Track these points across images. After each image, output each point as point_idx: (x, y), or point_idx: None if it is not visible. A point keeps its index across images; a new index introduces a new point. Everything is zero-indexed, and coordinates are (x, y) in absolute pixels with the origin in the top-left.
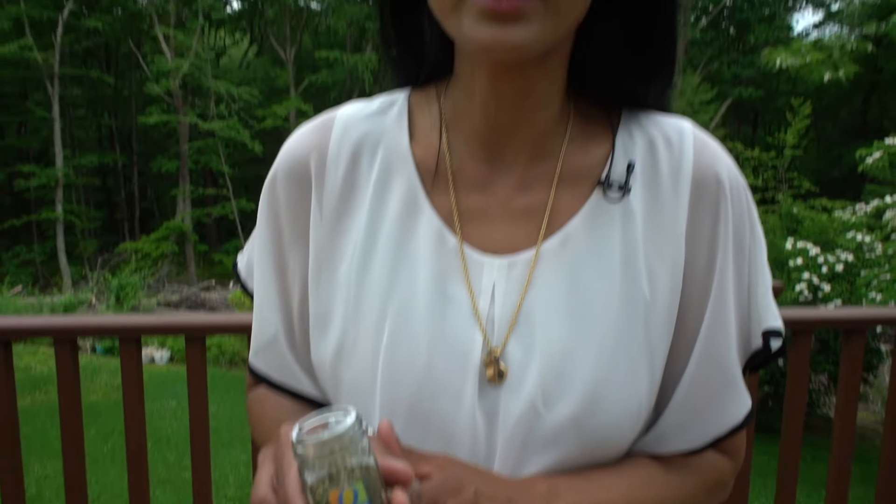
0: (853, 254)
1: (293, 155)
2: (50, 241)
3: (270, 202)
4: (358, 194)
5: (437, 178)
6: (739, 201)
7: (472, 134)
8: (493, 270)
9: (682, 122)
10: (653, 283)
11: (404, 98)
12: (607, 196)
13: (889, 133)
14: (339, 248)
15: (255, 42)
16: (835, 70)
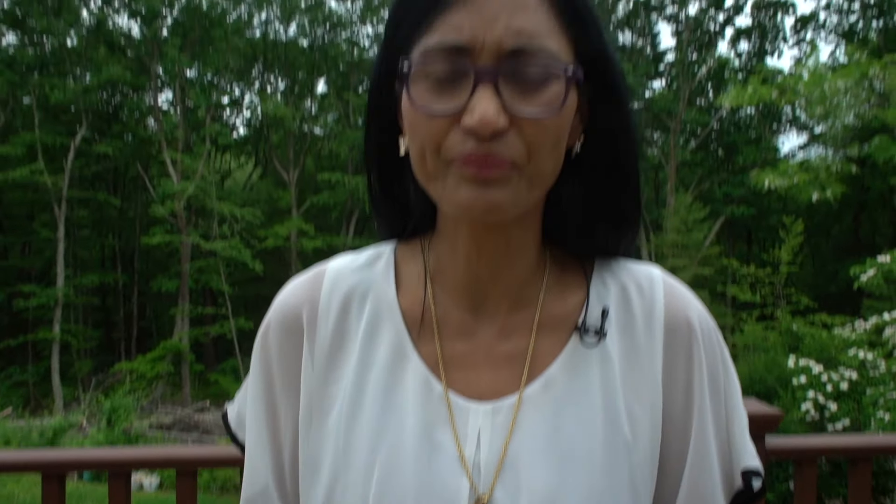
0: (857, 371)
1: (286, 307)
2: (45, 362)
3: (263, 352)
4: (348, 344)
5: (422, 328)
6: (711, 344)
7: (455, 285)
8: (479, 416)
9: (651, 269)
10: (633, 426)
11: (391, 251)
12: (584, 341)
13: (882, 249)
14: (329, 395)
15: (260, 165)
16: (822, 190)
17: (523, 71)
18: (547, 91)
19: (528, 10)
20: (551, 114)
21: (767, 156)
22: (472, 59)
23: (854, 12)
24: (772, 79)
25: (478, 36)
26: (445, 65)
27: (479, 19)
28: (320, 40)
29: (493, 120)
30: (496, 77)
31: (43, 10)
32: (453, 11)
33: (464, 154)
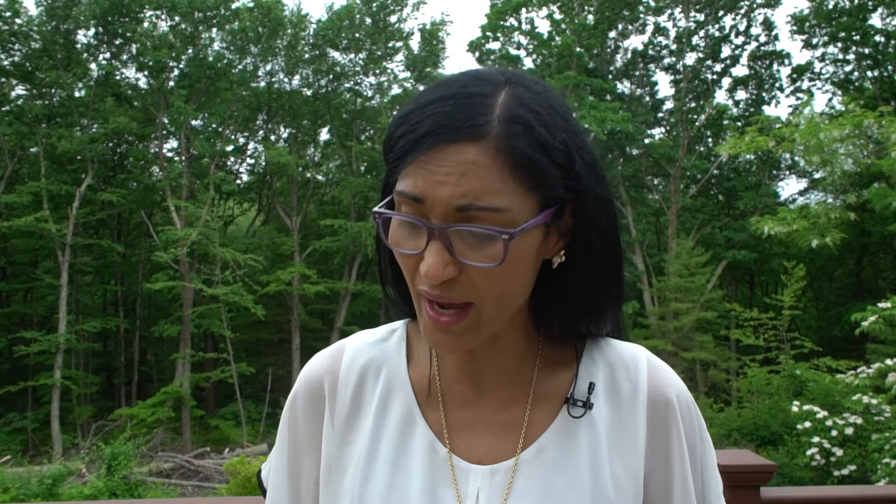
0: (862, 417)
1: (311, 377)
2: (44, 408)
3: (291, 418)
4: (363, 410)
5: (429, 398)
6: (689, 417)
7: (456, 363)
8: (478, 477)
9: (636, 349)
10: (617, 489)
11: (403, 328)
12: (571, 412)
13: (884, 292)
14: (346, 456)
15: (263, 211)
16: (821, 237)
17: (467, 228)
18: (492, 246)
19: (477, 172)
20: (495, 265)
21: (767, 201)
22: (426, 213)
23: (849, 62)
24: (769, 128)
25: (429, 195)
26: (410, 209)
27: (430, 181)
28: (324, 90)
29: (438, 274)
30: (444, 234)
31: (52, 63)
32: (415, 166)
33: (426, 290)
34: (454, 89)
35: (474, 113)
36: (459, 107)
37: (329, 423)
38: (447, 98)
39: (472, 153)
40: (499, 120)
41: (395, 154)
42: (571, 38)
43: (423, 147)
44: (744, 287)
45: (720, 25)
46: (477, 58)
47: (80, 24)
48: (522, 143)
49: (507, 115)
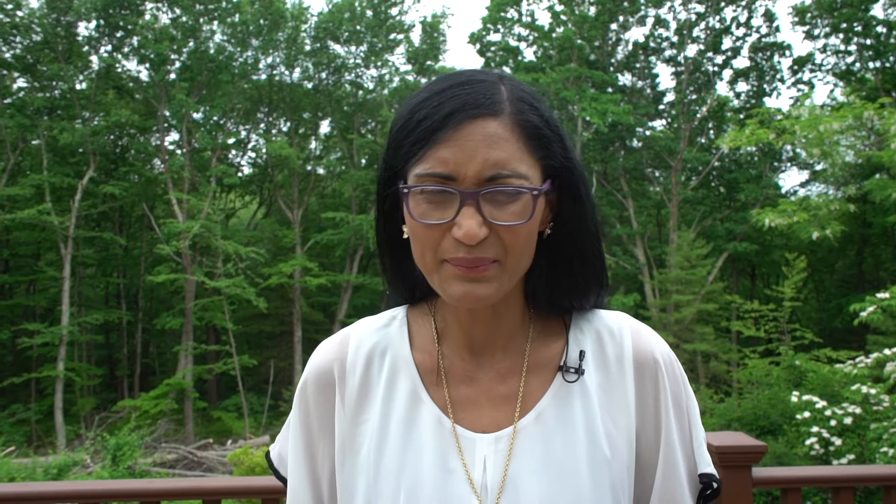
0: (861, 406)
1: (319, 365)
2: (48, 399)
3: (302, 404)
4: (371, 392)
5: (432, 376)
6: (674, 374)
7: (458, 343)
8: (483, 445)
9: (619, 315)
10: (611, 445)
11: (403, 313)
12: (566, 378)
13: (885, 283)
14: (358, 434)
15: (264, 204)
16: (822, 229)
17: (498, 192)
18: (517, 205)
19: (500, 143)
20: (522, 222)
21: (768, 193)
22: (458, 184)
23: (851, 53)
24: (769, 120)
25: (461, 168)
26: (436, 187)
27: (461, 155)
28: (325, 82)
29: (476, 233)
30: (477, 198)
31: (53, 56)
32: (442, 147)
33: (456, 257)
34: (464, 79)
35: (490, 94)
36: (478, 89)
37: (340, 406)
38: (462, 84)
39: (494, 126)
40: (509, 101)
41: (415, 136)
42: (572, 29)
43: (452, 123)
44: (745, 279)
45: (721, 17)
46: (478, 50)
47: (82, 17)
48: (532, 118)
49: (513, 97)
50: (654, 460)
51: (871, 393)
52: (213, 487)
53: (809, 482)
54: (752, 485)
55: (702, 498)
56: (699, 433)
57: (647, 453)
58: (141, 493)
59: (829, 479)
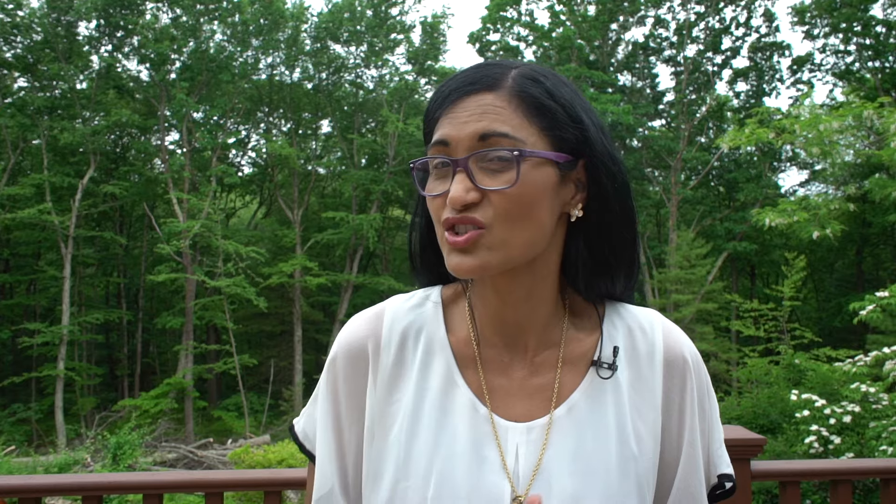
0: (860, 405)
1: (352, 340)
2: (48, 399)
3: (331, 378)
4: (405, 371)
5: (467, 361)
6: (700, 374)
7: (492, 328)
8: (517, 434)
9: (652, 313)
10: (639, 442)
11: (437, 294)
12: (599, 374)
13: (885, 283)
14: (390, 413)
15: (264, 204)
16: (822, 229)
17: (486, 157)
18: (507, 171)
19: (494, 111)
20: (507, 187)
21: (768, 192)
22: (452, 152)
23: (850, 53)
24: (769, 119)
25: (453, 136)
26: (434, 157)
27: (455, 124)
28: (325, 82)
29: (461, 197)
30: (466, 164)
31: (54, 55)
32: (443, 119)
33: (448, 219)
34: (475, 65)
35: (491, 73)
36: (480, 69)
37: (372, 383)
38: (470, 69)
39: (489, 98)
40: (512, 78)
41: (430, 119)
42: (572, 29)
43: (450, 101)
44: (744, 278)
45: (720, 17)
46: (477, 49)
47: (82, 17)
48: (533, 90)
49: (520, 73)
50: (675, 457)
51: (870, 391)
52: (218, 480)
53: (807, 475)
54: (751, 478)
55: (716, 496)
56: (719, 433)
57: (670, 450)
58: (147, 485)
59: (828, 472)
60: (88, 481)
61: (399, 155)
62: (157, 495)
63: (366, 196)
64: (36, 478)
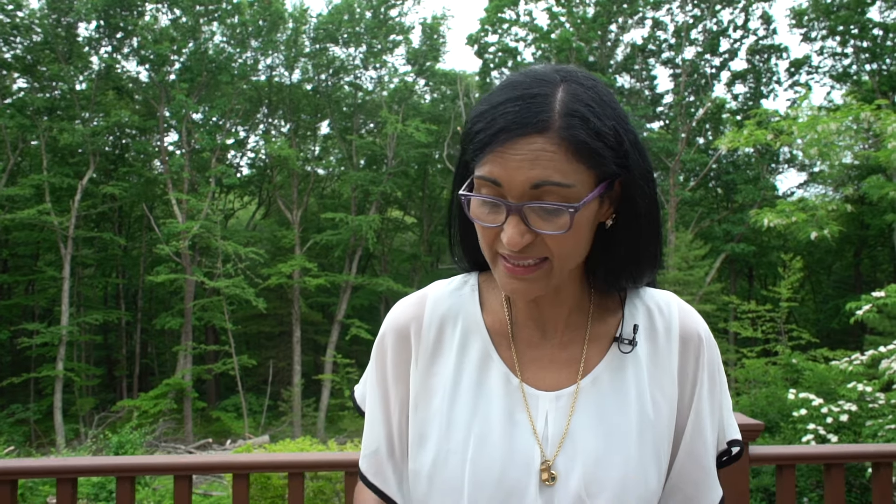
0: (856, 404)
1: (398, 321)
2: (47, 399)
3: (380, 353)
4: (444, 349)
5: (501, 339)
6: (712, 350)
7: (525, 313)
8: (546, 401)
9: (668, 295)
10: (656, 410)
11: (475, 279)
12: (620, 348)
13: (883, 285)
14: (431, 385)
15: (263, 205)
16: (820, 229)
17: (539, 205)
18: (560, 217)
19: (545, 157)
20: (562, 232)
21: (766, 194)
22: (505, 193)
23: (848, 56)
24: (767, 121)
25: (506, 178)
26: (489, 191)
27: (507, 167)
28: (324, 84)
29: (517, 242)
30: (520, 210)
31: (53, 56)
32: (492, 160)
33: (504, 255)
34: (519, 91)
35: (539, 111)
36: (527, 106)
37: (415, 360)
38: (515, 99)
39: (540, 142)
40: (559, 115)
41: (473, 146)
42: (571, 31)
43: (500, 141)
44: (742, 280)
45: (718, 20)
46: (476, 51)
47: (82, 18)
48: (580, 132)
49: (565, 111)
50: (684, 425)
51: (866, 391)
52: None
53: (802, 459)
54: (749, 461)
55: (722, 462)
56: (728, 404)
57: (681, 418)
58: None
59: (822, 456)
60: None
61: (398, 156)
62: (187, 476)
63: (365, 197)
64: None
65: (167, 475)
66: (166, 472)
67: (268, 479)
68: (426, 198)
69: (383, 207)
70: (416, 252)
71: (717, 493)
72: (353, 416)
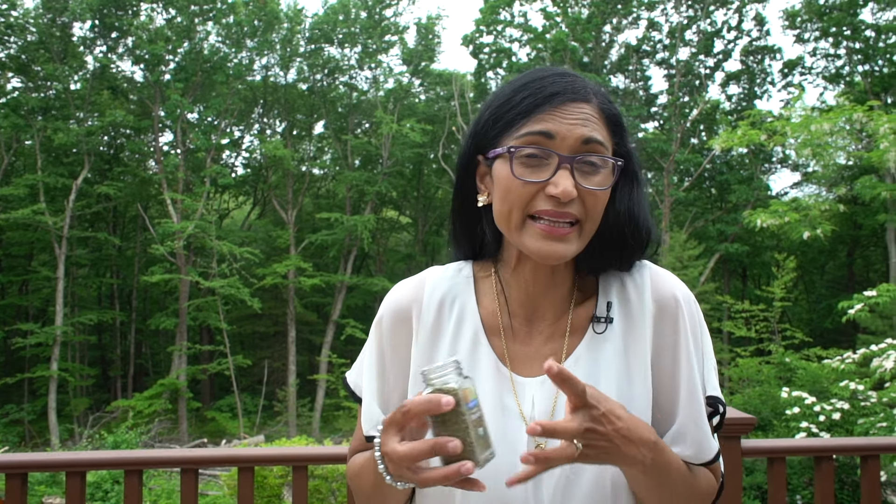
0: (848, 402)
1: (397, 303)
2: (41, 399)
3: (378, 334)
4: (442, 332)
5: (492, 328)
6: (691, 312)
7: (518, 302)
8: (532, 387)
9: (640, 263)
10: (636, 379)
11: (469, 268)
12: (594, 329)
13: (875, 284)
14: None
15: (258, 205)
16: (812, 229)
17: (588, 161)
18: (601, 175)
19: (592, 122)
20: (603, 188)
21: (759, 194)
22: (556, 147)
23: (840, 57)
24: (760, 122)
25: (560, 132)
26: (538, 148)
27: (562, 126)
28: (319, 84)
29: (571, 192)
30: (572, 163)
31: (48, 56)
32: (545, 119)
33: (546, 210)
34: (558, 71)
35: (584, 84)
36: (572, 80)
37: (415, 340)
38: (558, 75)
39: (587, 109)
40: (594, 92)
41: (519, 109)
42: (565, 31)
43: (556, 102)
44: (736, 279)
45: (712, 20)
46: (471, 51)
47: (77, 17)
48: (613, 108)
49: (597, 90)
50: (672, 387)
51: (858, 389)
52: (250, 456)
53: (793, 451)
54: (742, 454)
55: (714, 426)
56: (711, 362)
57: (665, 382)
58: (185, 460)
59: (812, 449)
60: (126, 458)
61: (393, 156)
62: (194, 470)
63: (360, 197)
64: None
65: (174, 468)
66: (174, 466)
67: (264, 479)
68: (421, 198)
69: (378, 207)
70: (411, 252)
71: (716, 447)
72: (347, 416)
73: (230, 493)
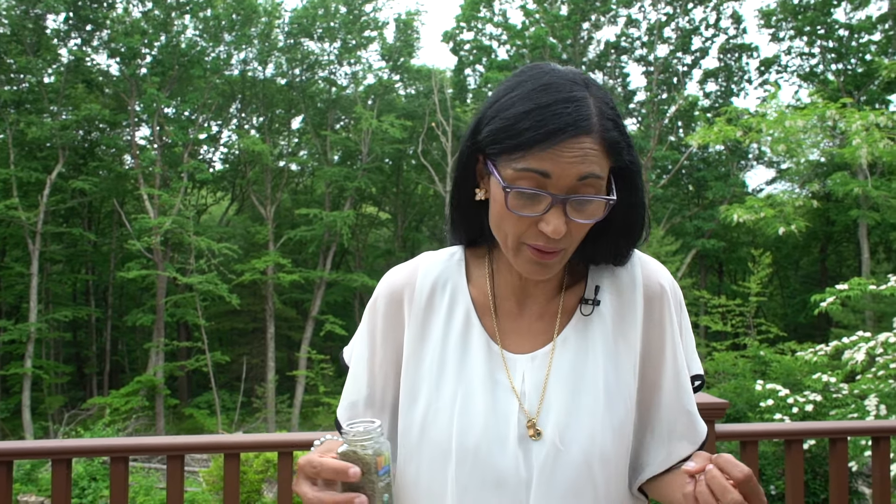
0: (821, 394)
1: (392, 286)
2: (15, 397)
3: (371, 315)
4: (434, 314)
5: (484, 309)
6: (676, 298)
7: (509, 289)
8: (523, 363)
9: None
10: (623, 360)
11: (461, 252)
12: (582, 310)
13: (848, 280)
14: (422, 348)
15: (236, 200)
16: (787, 225)
17: (581, 199)
18: (594, 204)
19: (591, 155)
20: (592, 221)
21: (735, 191)
22: (551, 186)
23: (814, 56)
24: (737, 118)
25: (557, 176)
26: (532, 183)
27: (560, 163)
28: (298, 79)
29: (561, 230)
30: (565, 203)
31: (21, 48)
32: (547, 153)
33: (537, 244)
34: (564, 94)
35: (586, 114)
36: (576, 109)
37: (408, 323)
38: (563, 102)
39: (588, 143)
40: (597, 118)
41: (519, 141)
42: (545, 28)
43: (557, 140)
44: (712, 275)
45: (690, 18)
46: (451, 48)
47: (51, 9)
48: (614, 133)
49: (600, 114)
50: (658, 368)
51: (831, 381)
52: (234, 442)
53: (764, 435)
54: (716, 438)
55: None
56: (691, 342)
57: (651, 364)
58: (169, 447)
59: (782, 432)
60: (114, 445)
61: (372, 152)
62: (180, 457)
63: (339, 193)
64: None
65: (160, 455)
66: (160, 453)
67: (243, 475)
68: (401, 193)
69: (357, 203)
70: (390, 248)
71: (704, 428)
72: (327, 413)
73: (209, 489)
